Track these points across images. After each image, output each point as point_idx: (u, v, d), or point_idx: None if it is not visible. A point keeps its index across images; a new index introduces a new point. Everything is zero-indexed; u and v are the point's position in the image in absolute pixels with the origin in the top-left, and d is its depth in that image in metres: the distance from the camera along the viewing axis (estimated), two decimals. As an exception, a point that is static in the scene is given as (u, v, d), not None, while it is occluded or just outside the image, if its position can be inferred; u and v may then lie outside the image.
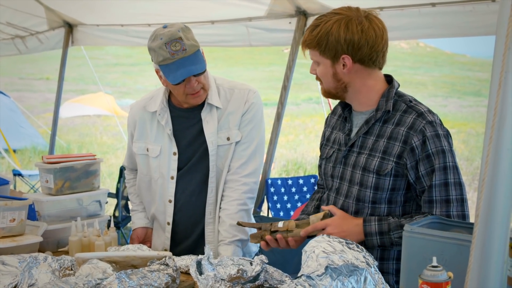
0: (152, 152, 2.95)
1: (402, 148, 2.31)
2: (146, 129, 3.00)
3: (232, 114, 2.88)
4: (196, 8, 5.61)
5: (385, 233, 2.32)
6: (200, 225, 2.94)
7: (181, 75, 2.71)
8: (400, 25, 4.53)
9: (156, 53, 2.72)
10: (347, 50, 2.32)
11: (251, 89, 2.94)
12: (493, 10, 3.96)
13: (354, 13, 2.34)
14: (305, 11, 5.09)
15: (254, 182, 2.90)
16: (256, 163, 2.91)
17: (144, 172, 3.01)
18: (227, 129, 2.87)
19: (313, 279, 1.86)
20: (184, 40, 2.69)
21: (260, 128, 2.93)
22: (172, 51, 2.67)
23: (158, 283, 2.20)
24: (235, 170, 2.87)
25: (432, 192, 2.28)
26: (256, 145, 2.90)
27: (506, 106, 1.45)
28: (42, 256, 2.46)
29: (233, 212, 2.83)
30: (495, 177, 1.46)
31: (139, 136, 3.02)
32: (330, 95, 2.49)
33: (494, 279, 1.48)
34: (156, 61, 2.75)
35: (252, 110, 2.89)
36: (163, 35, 2.70)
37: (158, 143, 2.94)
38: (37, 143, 13.78)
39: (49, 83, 27.66)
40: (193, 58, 2.71)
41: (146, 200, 3.07)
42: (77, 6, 6.52)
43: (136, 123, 3.04)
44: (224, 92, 2.91)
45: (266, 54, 36.39)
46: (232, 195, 2.85)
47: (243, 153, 2.88)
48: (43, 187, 3.15)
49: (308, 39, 2.38)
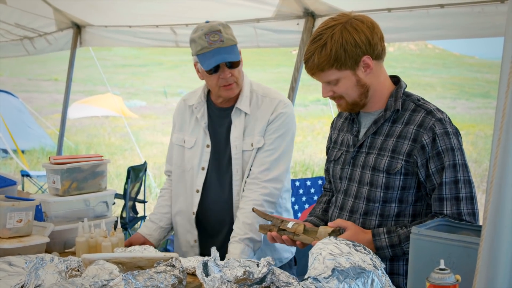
0: (188, 143, 3.06)
1: (412, 146, 2.31)
2: (185, 121, 3.11)
3: (258, 120, 2.94)
4: (204, 9, 5.61)
5: (396, 245, 2.31)
6: (227, 225, 2.98)
7: (215, 61, 2.82)
8: (408, 26, 4.52)
9: (196, 43, 2.85)
10: (366, 50, 2.30)
11: (282, 100, 2.97)
12: (502, 11, 3.94)
13: (347, 16, 2.34)
14: (313, 12, 5.08)
15: (275, 188, 2.91)
16: (279, 171, 2.92)
17: (178, 163, 3.10)
18: (252, 135, 2.93)
19: (319, 282, 1.85)
20: (223, 33, 2.84)
21: (286, 138, 2.95)
22: (210, 40, 2.82)
23: (164, 284, 2.19)
24: (257, 175, 2.90)
25: (442, 190, 2.28)
26: (281, 154, 2.93)
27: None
28: (48, 257, 2.46)
29: (248, 211, 2.83)
30: (503, 179, 1.45)
31: (180, 128, 3.13)
32: (355, 106, 2.42)
33: (502, 282, 1.47)
34: (195, 52, 2.87)
35: (279, 120, 2.93)
36: (204, 27, 2.85)
37: (194, 135, 3.04)
38: (45, 144, 13.83)
39: (57, 84, 27.78)
40: (229, 49, 2.85)
41: (175, 192, 3.13)
42: (85, 7, 6.54)
43: (178, 115, 3.17)
44: (256, 98, 2.98)
45: (274, 55, 36.44)
46: (250, 196, 2.88)
47: (265, 160, 2.91)
48: (50, 187, 3.15)
49: (322, 61, 2.29)
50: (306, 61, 2.35)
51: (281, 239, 2.48)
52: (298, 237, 2.44)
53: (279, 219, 2.53)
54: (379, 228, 2.36)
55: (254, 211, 2.65)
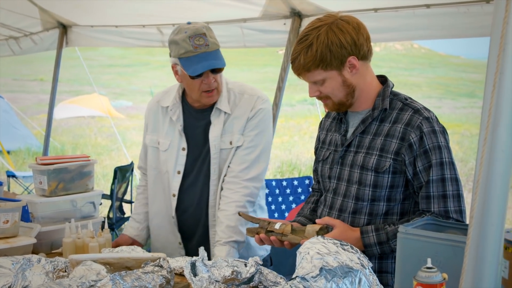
0: (162, 146, 3.00)
1: (400, 145, 2.32)
2: (159, 122, 3.05)
3: (238, 118, 2.90)
4: (191, 9, 5.60)
5: (384, 243, 2.33)
6: (203, 225, 2.96)
7: (203, 68, 2.75)
8: (394, 27, 4.53)
9: (179, 46, 2.77)
10: (351, 51, 2.31)
11: (260, 96, 2.95)
12: (487, 11, 3.96)
13: (334, 16, 2.35)
14: (300, 12, 5.08)
15: (255, 187, 2.90)
16: (260, 169, 2.91)
17: (153, 165, 3.05)
18: (230, 133, 2.89)
19: (307, 281, 1.86)
20: (208, 37, 2.77)
21: (265, 135, 2.93)
22: (195, 44, 2.74)
23: (152, 284, 2.19)
24: (237, 173, 2.87)
25: (429, 188, 2.30)
26: (261, 151, 2.91)
27: (500, 107, 1.45)
28: (35, 258, 2.45)
29: (231, 213, 2.82)
30: (489, 179, 1.46)
31: (153, 129, 3.07)
32: (341, 106, 2.44)
33: (488, 280, 1.48)
34: (177, 54, 2.80)
35: (258, 116, 2.91)
36: (187, 29, 2.77)
37: (168, 137, 2.98)
38: (31, 144, 13.74)
39: (43, 84, 27.61)
40: (215, 54, 2.79)
41: (151, 195, 3.09)
42: (71, 7, 6.50)
43: (151, 116, 3.10)
44: (234, 96, 2.94)
45: (260, 55, 36.43)
46: (232, 197, 2.85)
47: (246, 158, 2.88)
48: (37, 188, 3.13)
49: (308, 61, 2.31)
50: (292, 61, 2.37)
51: (270, 240, 2.48)
52: (286, 237, 2.44)
53: (266, 221, 2.53)
54: (368, 226, 2.37)
55: (241, 215, 2.65)
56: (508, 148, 1.46)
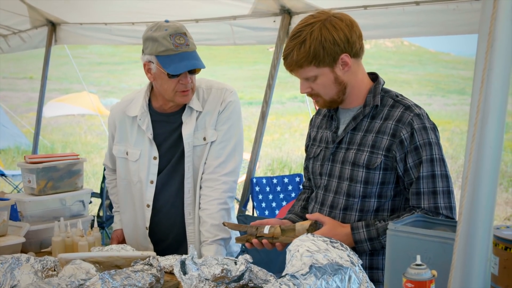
0: (132, 156, 2.93)
1: (391, 141, 2.33)
2: (126, 133, 2.97)
3: (209, 114, 2.87)
4: (180, 6, 5.59)
5: (375, 239, 2.33)
6: (179, 226, 2.92)
7: (185, 67, 2.71)
8: (384, 24, 4.55)
9: (158, 43, 2.70)
10: (344, 48, 2.31)
11: (228, 88, 2.92)
12: (476, 8, 3.98)
13: (327, 13, 2.34)
14: (290, 9, 5.09)
15: (234, 181, 2.88)
16: (236, 162, 2.89)
17: (122, 176, 2.99)
18: (203, 129, 2.86)
19: (297, 278, 1.86)
20: (188, 37, 2.73)
21: (237, 127, 2.91)
22: (176, 43, 2.69)
23: (142, 283, 2.18)
24: (214, 169, 2.85)
25: (419, 184, 2.30)
26: (235, 144, 2.88)
27: (489, 104, 1.45)
28: (24, 257, 2.44)
29: (213, 211, 2.81)
30: (478, 175, 1.46)
31: (120, 139, 2.99)
32: (332, 103, 2.44)
33: (477, 277, 1.48)
34: (155, 51, 2.72)
35: (229, 109, 2.88)
36: (168, 27, 2.71)
37: (138, 147, 2.92)
38: (21, 143, 13.68)
39: (32, 82, 27.49)
40: (195, 55, 2.76)
41: (122, 203, 3.04)
42: (60, 4, 6.48)
43: (116, 126, 3.01)
44: (202, 92, 2.90)
45: (250, 52, 36.38)
46: (212, 195, 2.83)
47: (221, 152, 2.86)
48: (26, 187, 3.12)
49: (300, 58, 2.30)
50: (285, 57, 2.36)
51: (262, 245, 2.47)
52: (278, 239, 2.43)
53: (253, 226, 2.50)
54: (358, 222, 2.37)
55: (225, 225, 2.61)
56: (496, 145, 1.46)
